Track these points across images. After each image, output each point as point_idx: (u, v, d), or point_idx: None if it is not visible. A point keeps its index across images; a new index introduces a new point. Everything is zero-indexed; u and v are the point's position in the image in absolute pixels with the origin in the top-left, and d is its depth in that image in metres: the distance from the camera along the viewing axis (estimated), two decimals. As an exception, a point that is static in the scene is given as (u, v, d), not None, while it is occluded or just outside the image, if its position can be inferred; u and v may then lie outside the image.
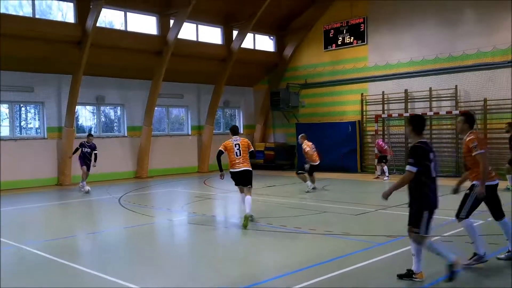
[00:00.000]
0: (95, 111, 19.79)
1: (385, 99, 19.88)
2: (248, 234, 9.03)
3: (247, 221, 9.22)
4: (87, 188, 15.24)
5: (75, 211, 12.69)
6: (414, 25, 19.08)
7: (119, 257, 7.69)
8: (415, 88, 18.99)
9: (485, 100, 17.14)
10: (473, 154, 6.38)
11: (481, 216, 9.73)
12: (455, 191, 6.88)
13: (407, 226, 5.90)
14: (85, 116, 20.04)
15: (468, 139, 6.46)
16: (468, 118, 6.57)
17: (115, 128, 20.59)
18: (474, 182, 6.51)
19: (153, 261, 7.27)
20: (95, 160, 15.39)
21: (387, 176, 17.40)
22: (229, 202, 13.35)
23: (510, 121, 14.50)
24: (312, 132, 21.52)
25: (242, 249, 8.07)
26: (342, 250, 7.40)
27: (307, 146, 14.52)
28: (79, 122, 19.50)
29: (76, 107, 17.97)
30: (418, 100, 18.99)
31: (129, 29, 19.05)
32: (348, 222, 9.84)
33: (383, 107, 19.88)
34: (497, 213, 6.56)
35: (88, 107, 19.62)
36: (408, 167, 5.67)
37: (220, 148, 10.01)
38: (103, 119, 20.31)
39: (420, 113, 13.96)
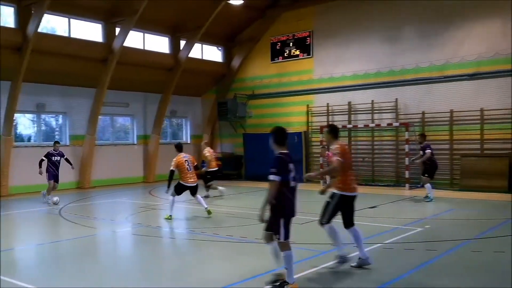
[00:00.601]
0: (35, 119, 19.06)
1: (329, 111, 20.41)
2: (194, 244, 8.99)
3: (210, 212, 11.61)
4: (56, 198, 14.41)
5: (12, 223, 12.13)
6: (357, 41, 19.77)
7: (59, 270, 7.43)
8: (358, 101, 19.63)
9: (423, 113, 17.96)
10: (333, 158, 6.88)
11: (420, 225, 10.19)
12: (322, 192, 7.33)
13: (264, 232, 6.18)
14: (24, 124, 19.24)
15: (333, 147, 7.02)
16: (332, 130, 7.20)
17: (56, 137, 19.87)
18: (335, 191, 6.99)
19: (95, 274, 7.09)
20: (70, 163, 15.18)
21: None
22: (174, 213, 13.20)
23: (422, 133, 15.27)
24: (259, 142, 21.76)
25: (188, 260, 8.01)
26: (287, 258, 7.49)
27: (208, 152, 15.94)
28: (18, 131, 18.69)
29: (15, 114, 17.26)
30: (361, 112, 19.64)
31: (73, 35, 18.56)
32: (294, 231, 9.95)
33: (328, 119, 20.39)
34: (348, 221, 7.05)
35: (27, 115, 18.87)
36: (272, 177, 5.88)
37: (172, 168, 11.39)
38: (43, 128, 19.59)
39: (282, 126, 15.68)
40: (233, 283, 6.29)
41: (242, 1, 20.20)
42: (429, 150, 14.14)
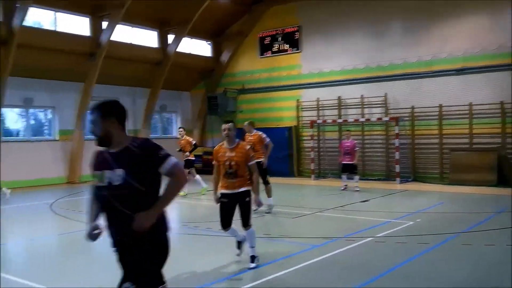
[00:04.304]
0: (23, 114, 18.83)
1: (319, 106, 20.44)
2: (184, 239, 8.96)
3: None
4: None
5: (3, 219, 11.98)
6: (345, 36, 19.80)
7: (53, 265, 7.37)
8: (347, 95, 19.68)
9: (412, 108, 18.07)
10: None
11: (411, 218, 10.28)
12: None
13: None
14: (12, 118, 19.00)
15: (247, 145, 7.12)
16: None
17: (45, 131, 19.69)
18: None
19: (88, 268, 7.05)
20: None
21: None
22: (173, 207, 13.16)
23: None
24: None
25: (179, 255, 7.96)
26: (279, 252, 7.52)
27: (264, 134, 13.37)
28: (6, 125, 18.45)
29: (2, 109, 17.03)
30: (351, 107, 19.70)
31: (60, 29, 18.33)
32: (285, 225, 10.02)
33: (318, 113, 20.42)
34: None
35: (15, 109, 18.63)
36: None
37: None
38: (32, 122, 19.36)
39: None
40: (222, 277, 6.29)
41: (230, -5, 20.12)
42: None
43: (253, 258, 6.67)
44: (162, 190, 3.52)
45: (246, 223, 6.73)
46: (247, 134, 11.95)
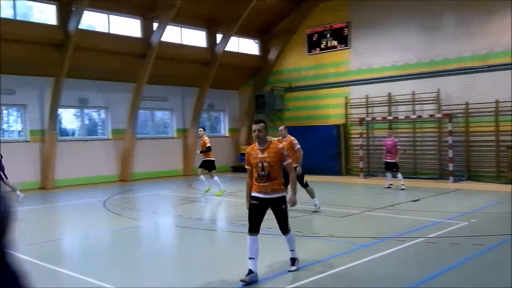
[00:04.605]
0: (78, 114, 19.60)
1: (368, 103, 20.07)
2: (233, 236, 9.03)
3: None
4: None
5: (59, 215, 12.55)
6: (396, 30, 19.32)
7: (105, 260, 7.62)
8: (398, 92, 19.22)
9: (467, 104, 17.41)
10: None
11: (466, 218, 9.91)
12: None
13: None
14: (68, 119, 19.81)
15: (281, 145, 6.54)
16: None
17: (99, 131, 20.41)
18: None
19: (139, 264, 7.23)
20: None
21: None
22: (214, 205, 13.33)
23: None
24: (296, 135, 21.56)
25: (228, 252, 8.06)
26: (327, 252, 7.43)
27: (295, 140, 12.54)
28: (62, 125, 19.27)
29: (59, 110, 17.80)
30: (401, 103, 19.22)
31: (112, 31, 18.93)
32: (333, 224, 9.90)
33: (367, 110, 20.06)
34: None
35: (71, 109, 19.41)
36: None
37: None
38: (86, 122, 20.11)
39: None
40: (271, 275, 6.28)
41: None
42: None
43: (293, 261, 6.48)
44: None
45: (285, 230, 6.40)
46: (281, 138, 11.45)
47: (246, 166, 6.44)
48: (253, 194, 6.29)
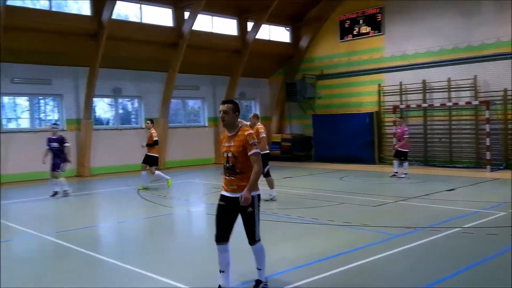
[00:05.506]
0: (112, 103, 19.95)
1: (402, 90, 19.66)
2: (265, 225, 9.02)
3: None
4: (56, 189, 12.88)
5: (94, 202, 12.85)
6: (431, 15, 18.79)
7: (138, 246, 7.75)
8: (433, 79, 18.74)
9: (505, 91, 16.84)
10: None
11: (503, 208, 9.64)
12: None
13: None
14: (103, 108, 20.20)
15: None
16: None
17: (132, 120, 20.73)
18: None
19: (172, 251, 7.34)
20: (67, 159, 12.75)
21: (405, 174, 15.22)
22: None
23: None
24: (328, 123, 21.50)
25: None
26: (360, 241, 7.35)
27: (262, 129, 11.26)
28: (97, 114, 19.66)
29: (94, 99, 18.15)
30: (437, 90, 18.75)
31: (144, 21, 19.10)
32: (366, 214, 9.78)
33: (401, 98, 19.67)
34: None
35: (105, 99, 19.77)
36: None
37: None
38: (120, 111, 20.46)
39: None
40: (302, 264, 6.25)
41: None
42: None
43: (258, 283, 5.20)
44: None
45: (251, 238, 5.16)
46: (251, 125, 10.97)
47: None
48: (222, 192, 5.27)
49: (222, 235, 5.16)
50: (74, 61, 17.64)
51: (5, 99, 17.16)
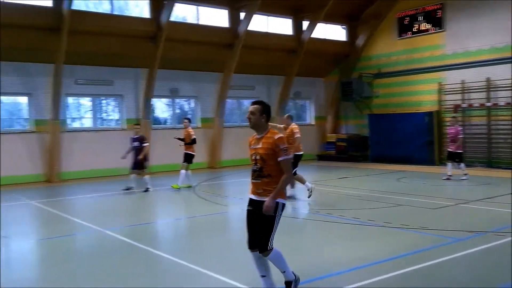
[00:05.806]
0: (170, 103, 20.44)
1: (464, 88, 18.87)
2: (319, 225, 8.94)
3: None
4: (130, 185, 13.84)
5: (151, 199, 13.18)
6: (495, 10, 17.90)
7: (194, 244, 7.87)
8: (498, 76, 17.86)
9: None
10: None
11: None
12: None
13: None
14: (161, 108, 20.73)
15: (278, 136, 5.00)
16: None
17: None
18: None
19: (227, 249, 7.39)
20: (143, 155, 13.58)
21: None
22: (300, 193, 13.28)
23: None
24: (386, 123, 21.00)
25: (313, 240, 7.99)
26: (419, 244, 7.10)
27: (297, 129, 11.54)
28: (155, 114, 20.20)
29: (152, 99, 18.67)
30: (502, 89, 17.85)
31: (201, 22, 19.42)
32: (425, 216, 9.45)
33: (463, 97, 18.88)
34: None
35: (163, 99, 20.28)
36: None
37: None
38: (177, 111, 20.92)
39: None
40: (357, 266, 6.11)
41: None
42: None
43: (289, 285, 5.04)
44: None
45: (264, 246, 4.82)
46: (286, 126, 11.33)
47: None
48: (249, 196, 5.14)
49: (251, 241, 5.01)
50: (134, 63, 18.22)
51: (70, 100, 17.97)
